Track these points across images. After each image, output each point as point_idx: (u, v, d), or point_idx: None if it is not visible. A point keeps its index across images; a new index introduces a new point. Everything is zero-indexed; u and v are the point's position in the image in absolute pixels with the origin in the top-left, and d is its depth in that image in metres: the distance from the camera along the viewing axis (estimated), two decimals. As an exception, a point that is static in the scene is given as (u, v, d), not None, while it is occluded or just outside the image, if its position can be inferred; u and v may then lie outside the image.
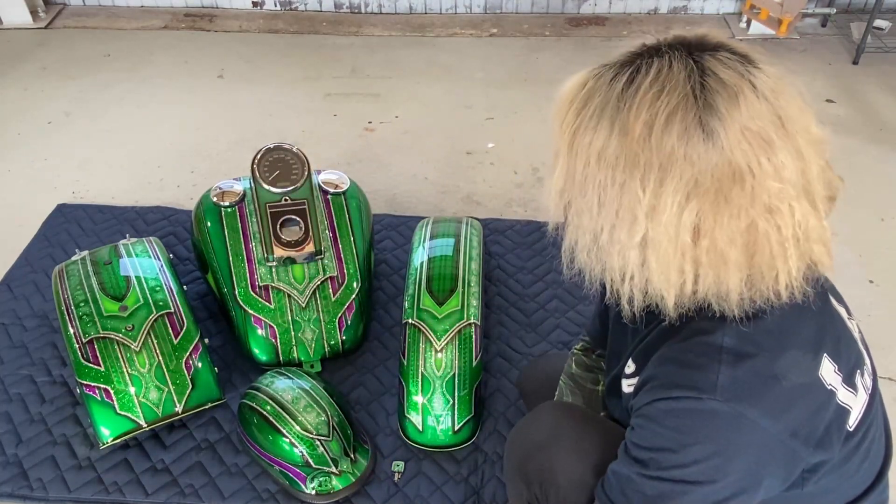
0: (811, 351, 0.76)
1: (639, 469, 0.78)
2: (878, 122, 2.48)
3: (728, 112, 0.66)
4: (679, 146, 0.66)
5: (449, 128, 2.48)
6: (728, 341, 0.74)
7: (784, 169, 0.68)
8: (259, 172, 1.61)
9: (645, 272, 0.72)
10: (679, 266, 0.70)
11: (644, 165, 0.68)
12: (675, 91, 0.67)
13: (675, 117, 0.66)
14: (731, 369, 0.72)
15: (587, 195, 0.72)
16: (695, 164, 0.66)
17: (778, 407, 0.73)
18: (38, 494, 1.39)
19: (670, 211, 0.68)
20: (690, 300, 0.73)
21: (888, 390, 1.60)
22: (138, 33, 3.07)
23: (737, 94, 0.67)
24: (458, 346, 1.48)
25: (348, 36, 3.04)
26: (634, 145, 0.67)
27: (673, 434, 0.75)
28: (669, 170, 0.67)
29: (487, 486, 1.40)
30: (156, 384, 1.44)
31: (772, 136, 0.67)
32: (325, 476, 1.35)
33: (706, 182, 0.67)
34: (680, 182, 0.67)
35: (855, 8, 3.05)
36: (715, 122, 0.66)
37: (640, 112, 0.67)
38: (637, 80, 0.69)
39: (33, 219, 2.06)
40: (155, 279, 1.58)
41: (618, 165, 0.69)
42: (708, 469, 0.74)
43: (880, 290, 1.86)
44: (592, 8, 3.14)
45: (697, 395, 0.72)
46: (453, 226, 1.78)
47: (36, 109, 2.58)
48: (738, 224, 0.68)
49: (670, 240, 0.69)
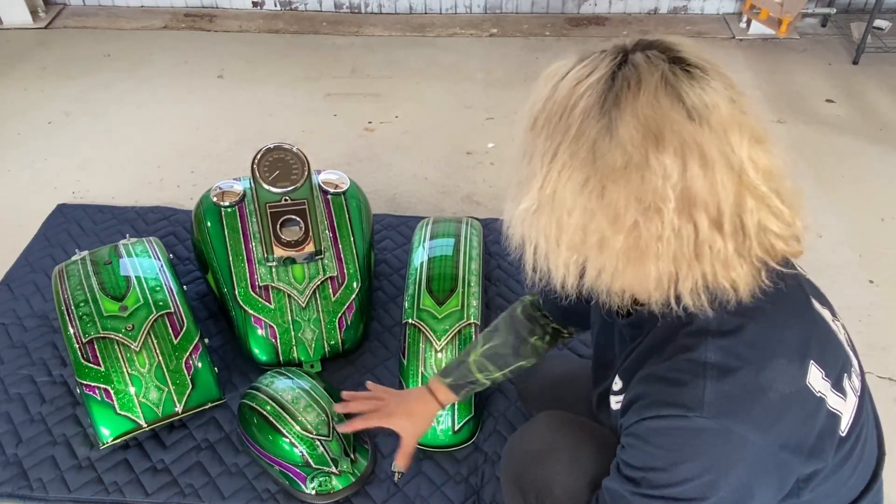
0: (797, 359, 0.75)
1: (631, 487, 0.79)
2: (878, 122, 2.48)
3: (626, 98, 0.67)
4: (575, 123, 0.69)
5: (449, 128, 2.48)
6: (712, 356, 0.73)
7: (671, 170, 0.66)
8: (259, 172, 1.61)
9: (541, 243, 0.74)
10: (564, 240, 0.72)
11: (548, 137, 0.71)
12: (593, 75, 0.69)
13: (582, 97, 0.69)
14: (717, 384, 0.72)
15: (516, 160, 0.75)
16: (585, 144, 0.68)
17: (766, 419, 0.72)
18: (38, 494, 1.39)
19: (556, 184, 0.70)
20: (581, 281, 0.75)
21: (888, 390, 1.60)
22: (138, 33, 3.07)
23: (640, 83, 0.67)
24: (458, 346, 1.48)
25: (348, 36, 3.04)
26: (549, 119, 0.71)
27: (663, 453, 0.75)
28: (562, 144, 0.69)
29: (487, 487, 1.40)
30: (156, 384, 1.44)
31: (664, 133, 0.66)
32: (325, 476, 1.35)
33: (594, 163, 0.68)
34: (568, 157, 0.69)
35: (855, 8, 3.05)
36: (611, 106, 0.68)
37: (562, 91, 0.71)
38: (577, 66, 0.72)
39: (33, 219, 2.06)
40: (155, 279, 1.58)
41: (538, 136, 0.72)
42: (700, 486, 0.74)
43: (880, 290, 1.86)
44: (592, 8, 3.14)
45: (685, 412, 0.72)
46: (453, 226, 1.78)
47: (36, 109, 2.58)
48: (621, 214, 0.68)
49: (554, 212, 0.71)
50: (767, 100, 2.60)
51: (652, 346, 0.80)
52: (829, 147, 2.36)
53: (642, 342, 0.83)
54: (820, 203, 2.13)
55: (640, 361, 0.82)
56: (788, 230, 0.73)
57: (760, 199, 0.70)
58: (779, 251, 0.73)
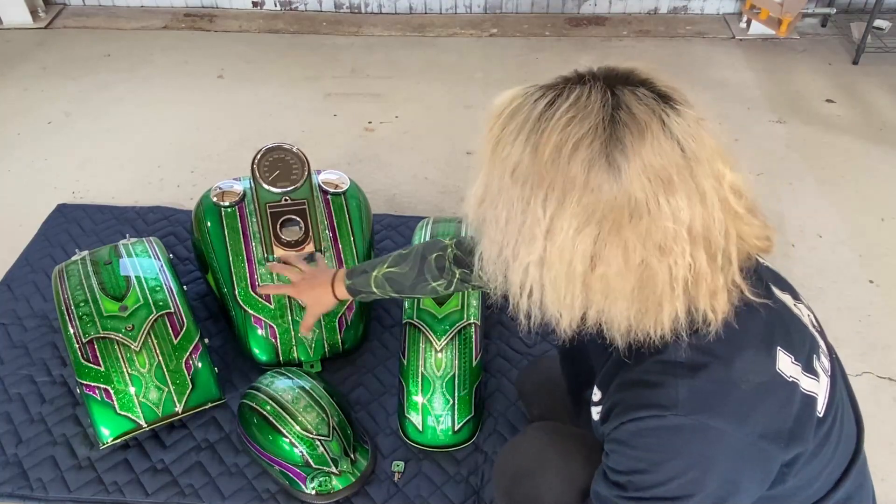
0: (764, 348, 0.77)
1: (619, 493, 0.80)
2: (878, 122, 2.48)
3: (632, 146, 0.67)
4: (581, 172, 0.67)
5: (449, 128, 2.48)
6: (681, 355, 0.75)
7: (681, 211, 0.68)
8: (259, 172, 1.61)
9: (542, 291, 0.74)
10: (571, 290, 0.72)
11: (547, 187, 0.69)
12: (587, 119, 0.68)
13: (581, 144, 0.67)
14: (689, 382, 0.73)
15: (497, 207, 0.73)
16: (594, 193, 0.68)
17: (741, 411, 0.73)
18: (38, 494, 1.39)
19: (566, 234, 0.69)
20: (582, 324, 0.75)
21: (889, 390, 1.60)
22: (138, 33, 3.07)
23: (643, 130, 0.67)
24: (458, 346, 1.48)
25: (348, 36, 3.04)
26: (542, 166, 0.69)
27: (644, 454, 0.76)
28: (569, 194, 0.68)
29: (487, 487, 1.40)
30: (156, 384, 1.44)
31: (672, 177, 0.68)
32: (325, 476, 1.35)
33: (603, 212, 0.68)
34: (577, 207, 0.68)
35: (855, 8, 3.05)
36: (618, 155, 0.67)
37: (552, 135, 0.68)
38: (557, 103, 0.70)
39: (33, 219, 2.06)
40: (155, 279, 1.58)
41: (526, 183, 0.70)
42: (685, 484, 0.75)
43: (880, 290, 1.86)
44: (592, 8, 3.14)
45: (660, 412, 0.73)
46: (453, 226, 1.78)
47: (36, 109, 2.58)
48: (630, 258, 0.69)
49: (563, 262, 0.70)
50: (767, 100, 2.61)
51: (624, 354, 0.81)
52: (829, 147, 2.36)
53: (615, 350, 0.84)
54: (820, 203, 2.13)
55: (615, 370, 0.83)
56: (762, 235, 0.76)
57: (740, 221, 0.73)
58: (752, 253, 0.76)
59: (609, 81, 0.70)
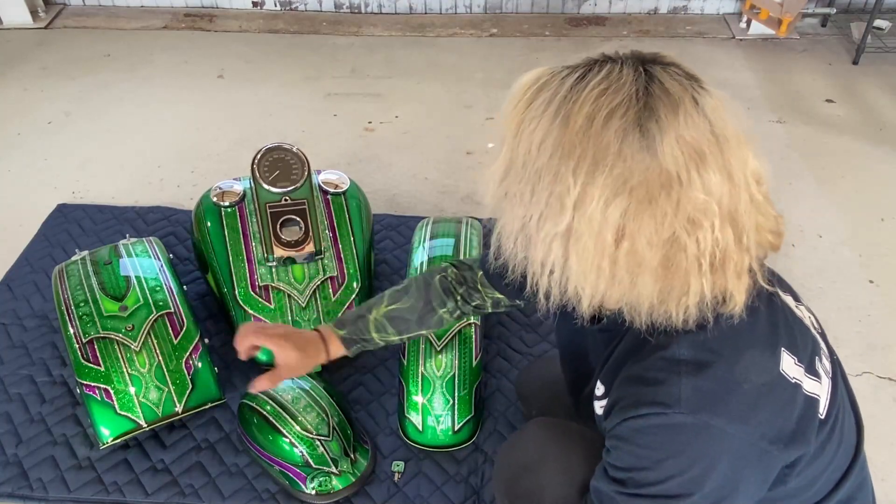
0: (768, 348, 0.76)
1: (618, 488, 0.80)
2: (878, 122, 2.48)
3: (666, 118, 0.67)
4: (615, 141, 0.67)
5: (449, 128, 2.48)
6: (685, 353, 0.74)
7: (712, 185, 0.68)
8: (259, 172, 1.61)
9: (565, 267, 0.72)
10: (598, 263, 0.70)
11: (579, 156, 0.68)
12: (621, 91, 0.68)
13: (615, 114, 0.67)
14: (692, 380, 0.73)
15: (522, 182, 0.73)
16: (626, 162, 0.67)
17: (744, 411, 0.73)
18: (38, 494, 1.39)
19: (596, 204, 0.68)
20: (603, 305, 0.75)
21: (888, 390, 1.60)
22: (138, 33, 3.07)
23: (677, 104, 0.68)
24: (458, 346, 1.48)
25: (348, 36, 3.04)
26: (573, 136, 0.68)
27: (645, 452, 0.76)
28: (601, 163, 0.68)
29: (487, 486, 1.40)
30: (156, 384, 1.44)
31: (705, 151, 0.68)
32: (325, 476, 1.35)
33: (635, 182, 0.67)
34: (609, 177, 0.67)
35: (855, 8, 3.05)
36: (652, 126, 0.67)
37: (584, 105, 0.68)
38: (588, 77, 0.70)
39: (33, 219, 2.06)
40: (155, 279, 1.58)
41: (555, 154, 0.69)
42: (685, 482, 0.75)
43: (880, 290, 1.86)
44: (592, 8, 3.14)
45: (663, 410, 0.73)
46: (453, 226, 1.78)
47: (36, 109, 2.58)
48: (659, 231, 0.68)
49: (592, 234, 0.69)
50: (767, 100, 2.61)
51: (629, 349, 0.81)
52: (829, 147, 2.36)
53: (619, 345, 0.84)
54: (820, 203, 2.13)
55: (620, 364, 0.82)
56: (776, 230, 0.76)
57: (759, 210, 0.73)
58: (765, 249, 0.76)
59: (641, 60, 0.71)
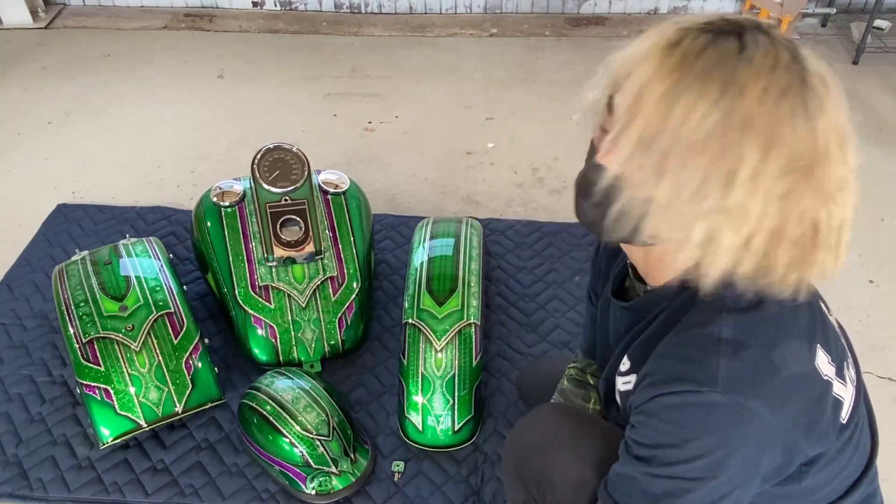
0: (806, 341, 0.76)
1: (641, 467, 0.78)
2: (878, 122, 2.48)
3: (825, 100, 0.69)
4: (787, 119, 0.67)
5: (449, 128, 2.48)
6: (726, 332, 0.73)
7: (850, 162, 0.70)
8: (259, 172, 1.61)
9: (711, 242, 0.70)
10: (750, 235, 0.69)
11: (755, 130, 0.67)
12: (786, 70, 0.68)
13: (788, 93, 0.67)
14: (731, 360, 0.72)
15: (670, 155, 0.69)
16: (795, 140, 0.67)
17: (778, 397, 0.73)
18: (38, 494, 1.39)
19: (765, 180, 0.67)
20: (726, 280, 0.72)
21: (888, 390, 1.60)
22: (138, 33, 3.07)
23: (829, 87, 0.70)
24: (458, 346, 1.48)
25: (348, 36, 3.04)
26: (749, 109, 0.67)
27: (674, 429, 0.75)
28: (775, 140, 0.67)
29: (487, 486, 1.40)
30: (156, 384, 1.44)
31: (846, 131, 0.70)
32: (325, 476, 1.35)
33: (800, 159, 0.68)
34: (781, 154, 0.67)
35: (855, 8, 3.05)
36: (815, 106, 0.68)
37: (759, 79, 0.67)
38: (749, 49, 0.69)
39: (33, 219, 2.06)
40: (155, 279, 1.58)
41: (725, 126, 0.67)
42: (710, 464, 0.74)
43: (880, 290, 1.86)
44: (592, 8, 3.14)
45: (698, 388, 0.72)
46: (453, 226, 1.78)
47: (36, 109, 2.58)
48: (809, 205, 0.69)
49: (756, 210, 0.68)
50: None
51: (664, 326, 0.80)
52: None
53: (652, 323, 0.83)
54: (820, 203, 2.13)
55: (652, 341, 0.81)
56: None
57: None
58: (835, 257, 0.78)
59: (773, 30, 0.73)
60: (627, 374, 0.87)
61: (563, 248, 1.95)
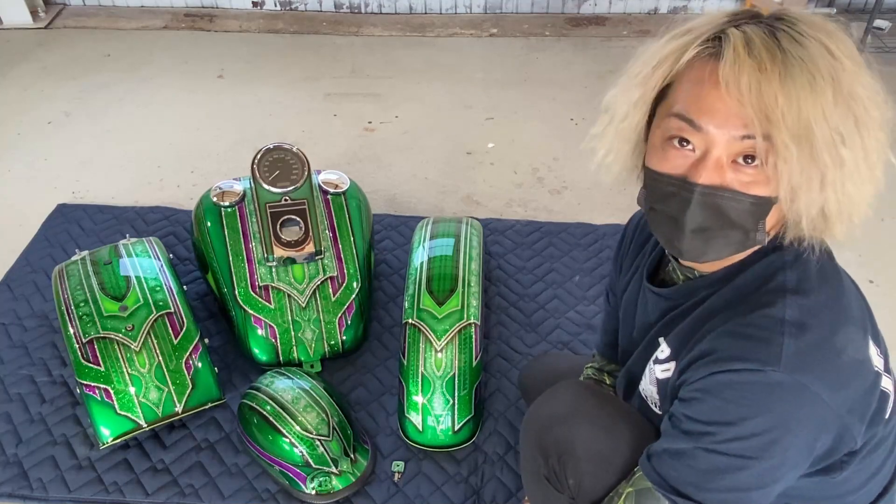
0: (861, 330, 0.78)
1: (693, 443, 0.78)
2: (878, 122, 2.48)
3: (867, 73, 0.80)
4: (861, 83, 0.82)
5: (449, 128, 2.48)
6: (790, 314, 0.74)
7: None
8: (259, 172, 1.61)
9: (840, 195, 0.82)
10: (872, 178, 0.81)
11: (867, 97, 0.80)
12: (847, 43, 0.81)
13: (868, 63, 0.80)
14: (795, 341, 0.73)
15: (826, 125, 0.78)
16: (879, 107, 0.79)
17: (839, 381, 0.73)
18: (38, 494, 1.39)
19: (875, 136, 0.79)
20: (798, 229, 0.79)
21: (888, 390, 1.60)
22: (138, 33, 3.07)
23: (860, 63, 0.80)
24: (458, 346, 1.48)
25: (348, 36, 3.04)
26: (872, 79, 0.82)
27: (733, 407, 0.74)
28: (876, 104, 0.80)
29: (487, 486, 1.40)
30: (156, 384, 1.44)
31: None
32: (325, 476, 1.35)
33: (857, 101, 0.80)
34: (877, 113, 0.79)
35: (855, 8, 3.05)
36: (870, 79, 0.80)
37: (859, 57, 0.82)
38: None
39: (33, 219, 2.06)
40: (155, 279, 1.58)
41: (868, 94, 0.81)
42: (765, 443, 0.74)
43: (880, 290, 1.86)
44: (592, 8, 3.14)
45: (760, 366, 0.72)
46: (453, 226, 1.78)
47: (36, 109, 2.58)
48: (879, 151, 0.78)
49: (877, 159, 0.80)
50: (767, 100, 2.61)
51: (708, 311, 0.81)
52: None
53: (695, 309, 0.84)
54: (820, 203, 2.13)
55: (697, 326, 0.82)
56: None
57: None
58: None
59: None
60: (667, 361, 0.87)
61: (563, 248, 1.95)
